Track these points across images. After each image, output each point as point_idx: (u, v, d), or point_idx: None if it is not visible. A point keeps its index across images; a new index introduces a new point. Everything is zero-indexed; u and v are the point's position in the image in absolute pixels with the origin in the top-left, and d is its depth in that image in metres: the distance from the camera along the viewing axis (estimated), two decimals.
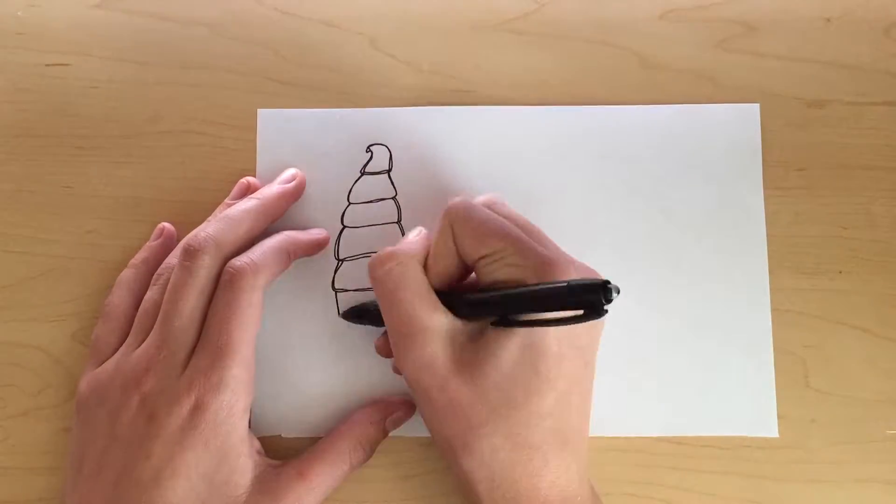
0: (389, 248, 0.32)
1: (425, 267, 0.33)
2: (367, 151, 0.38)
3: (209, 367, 0.31)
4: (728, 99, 0.39)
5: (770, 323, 0.37)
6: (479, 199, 0.34)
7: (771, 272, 0.37)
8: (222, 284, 0.32)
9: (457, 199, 0.33)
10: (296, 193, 0.37)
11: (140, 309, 0.34)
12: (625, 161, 0.38)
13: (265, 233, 0.35)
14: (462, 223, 0.32)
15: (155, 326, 0.33)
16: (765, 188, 0.38)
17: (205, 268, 0.32)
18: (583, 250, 0.37)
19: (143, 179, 0.38)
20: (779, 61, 0.39)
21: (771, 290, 0.37)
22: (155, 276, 0.35)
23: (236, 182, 0.38)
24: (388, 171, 0.38)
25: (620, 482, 0.36)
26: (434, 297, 0.32)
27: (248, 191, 0.37)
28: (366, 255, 0.37)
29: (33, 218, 0.38)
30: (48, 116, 0.39)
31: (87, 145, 0.39)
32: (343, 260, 0.38)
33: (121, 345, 0.34)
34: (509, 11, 0.40)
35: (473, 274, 0.34)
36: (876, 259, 0.38)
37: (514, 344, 0.30)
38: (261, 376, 0.36)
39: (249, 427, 0.33)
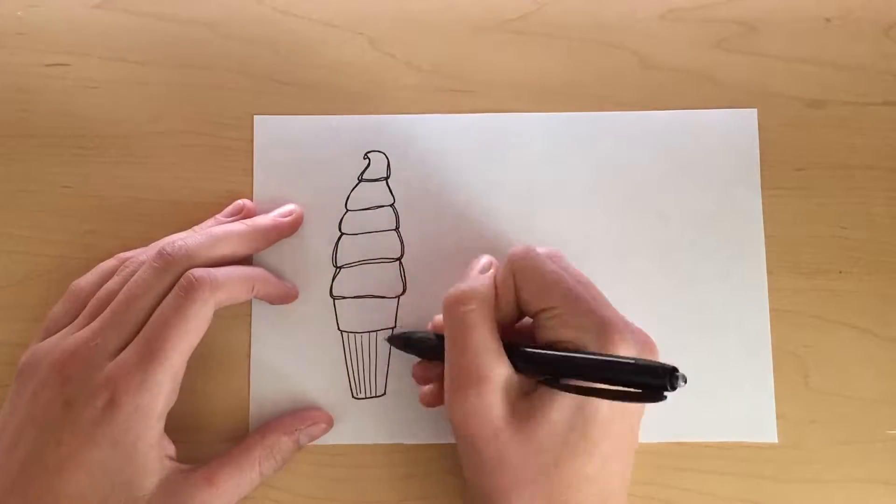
0: (468, 287, 0.32)
1: None
2: (364, 158, 0.38)
3: (134, 366, 0.31)
4: (728, 99, 0.39)
5: (769, 327, 0.37)
6: (540, 250, 0.33)
7: (770, 272, 0.37)
8: (176, 289, 0.32)
9: (520, 248, 0.32)
10: (290, 229, 0.37)
11: (96, 295, 0.34)
12: (623, 166, 0.38)
13: (247, 261, 0.36)
14: (526, 274, 0.32)
15: (100, 315, 0.32)
16: (764, 188, 0.38)
17: (170, 274, 0.32)
18: (582, 255, 0.37)
19: (143, 179, 0.38)
20: (778, 61, 0.39)
21: (770, 290, 0.37)
22: (121, 268, 0.34)
23: (236, 182, 0.38)
24: (386, 178, 0.38)
25: None
26: (500, 346, 0.31)
27: (241, 213, 0.37)
28: (363, 262, 0.37)
29: (33, 218, 0.38)
30: (48, 116, 0.39)
31: (87, 145, 0.39)
32: (341, 267, 0.38)
33: None
34: (509, 11, 0.40)
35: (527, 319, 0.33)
36: (876, 259, 0.38)
37: (566, 405, 0.30)
38: (260, 383, 0.36)
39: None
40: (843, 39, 0.39)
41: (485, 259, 0.35)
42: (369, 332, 0.37)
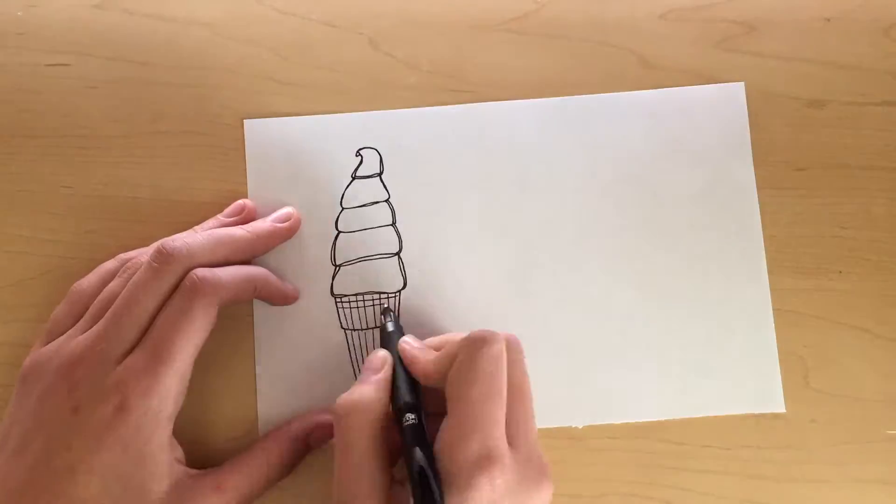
0: (358, 397, 0.31)
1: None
2: (356, 156, 0.38)
3: (142, 371, 0.31)
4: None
5: (769, 293, 0.37)
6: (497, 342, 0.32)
7: (771, 272, 0.37)
8: (181, 291, 0.32)
9: (481, 346, 0.31)
10: (288, 234, 0.37)
11: (98, 297, 0.34)
12: (614, 148, 0.38)
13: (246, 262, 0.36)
14: (462, 372, 0.31)
15: (103, 318, 0.32)
16: (764, 188, 0.38)
17: (172, 275, 0.32)
18: (579, 240, 0.38)
19: (143, 179, 0.38)
20: (778, 61, 0.39)
21: (771, 290, 0.37)
22: (122, 269, 0.34)
23: (236, 182, 0.38)
24: (380, 174, 0.38)
25: (620, 482, 0.36)
26: (385, 456, 0.31)
27: (243, 213, 0.37)
28: (362, 259, 0.37)
29: (33, 218, 0.38)
30: (48, 116, 0.39)
31: (87, 145, 0.39)
32: (340, 265, 0.38)
33: None
34: (509, 11, 0.40)
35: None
36: (876, 259, 0.38)
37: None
38: (266, 384, 0.37)
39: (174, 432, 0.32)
40: (843, 39, 0.39)
41: (379, 356, 0.33)
42: (372, 328, 0.37)
